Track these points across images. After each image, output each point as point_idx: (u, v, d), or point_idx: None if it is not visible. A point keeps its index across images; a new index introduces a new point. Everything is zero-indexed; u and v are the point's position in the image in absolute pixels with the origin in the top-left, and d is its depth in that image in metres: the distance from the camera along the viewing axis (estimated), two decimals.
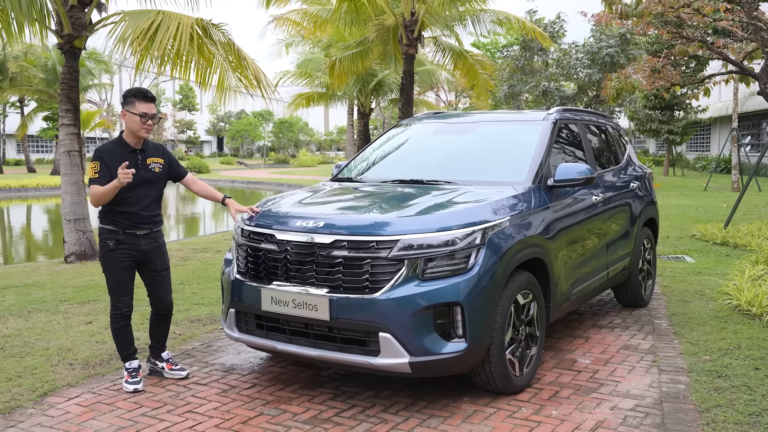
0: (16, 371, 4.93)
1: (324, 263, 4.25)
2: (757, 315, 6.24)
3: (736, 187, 23.42)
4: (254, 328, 4.61)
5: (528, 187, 4.95)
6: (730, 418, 4.07)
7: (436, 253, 4.12)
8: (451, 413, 4.24)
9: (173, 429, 4.05)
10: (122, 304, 4.67)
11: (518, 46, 29.94)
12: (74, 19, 9.87)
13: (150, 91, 4.74)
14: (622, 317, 6.53)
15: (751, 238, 10.67)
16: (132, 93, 4.63)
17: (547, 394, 4.56)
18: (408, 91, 14.85)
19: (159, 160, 4.77)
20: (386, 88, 24.13)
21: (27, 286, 7.96)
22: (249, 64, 9.68)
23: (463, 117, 6.45)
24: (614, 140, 6.89)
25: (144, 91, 4.66)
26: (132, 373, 4.70)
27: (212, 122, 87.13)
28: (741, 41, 13.37)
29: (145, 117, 4.58)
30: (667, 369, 4.99)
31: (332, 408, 4.34)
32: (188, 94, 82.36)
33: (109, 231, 4.61)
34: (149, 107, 4.63)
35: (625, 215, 6.34)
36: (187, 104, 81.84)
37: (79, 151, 10.08)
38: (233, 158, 70.19)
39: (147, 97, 4.64)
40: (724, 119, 37.75)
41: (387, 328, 4.04)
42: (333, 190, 5.38)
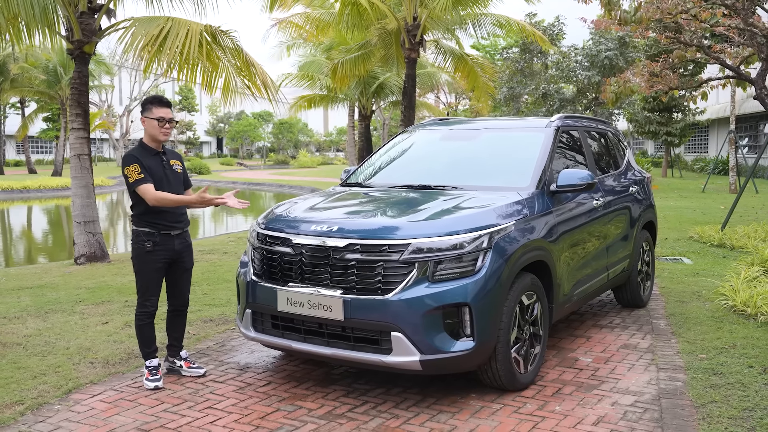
0: (40, 369, 5.13)
1: (338, 266, 4.45)
2: (752, 315, 6.45)
3: (733, 188, 23.65)
4: (270, 328, 4.81)
5: (532, 192, 5.16)
6: (724, 413, 4.28)
7: (445, 256, 4.32)
8: (459, 409, 4.44)
9: (195, 424, 4.25)
10: (150, 303, 4.88)
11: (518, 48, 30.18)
12: (84, 25, 10.08)
13: (165, 97, 4.99)
14: (621, 317, 6.73)
15: (748, 240, 10.88)
16: (149, 100, 4.88)
17: (551, 390, 4.76)
18: (410, 94, 15.06)
19: (178, 162, 5.04)
20: (387, 90, 24.34)
21: (41, 287, 8.15)
22: (257, 70, 9.89)
23: (467, 124, 6.66)
24: (614, 145, 7.10)
25: (160, 98, 4.92)
26: (152, 371, 4.90)
27: (212, 123, 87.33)
28: (738, 46, 13.61)
29: (162, 121, 4.82)
30: (665, 367, 5.20)
31: (345, 404, 4.54)
32: (188, 95, 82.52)
33: (146, 233, 4.83)
34: (166, 112, 4.87)
35: (625, 218, 6.55)
36: (187, 105, 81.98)
37: (89, 154, 10.28)
38: (233, 159, 70.39)
39: (163, 102, 4.89)
40: (721, 121, 37.97)
41: (399, 327, 4.24)
42: (344, 194, 5.59)
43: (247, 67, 9.88)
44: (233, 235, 14.26)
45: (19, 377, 4.95)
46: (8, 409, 4.41)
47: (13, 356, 5.42)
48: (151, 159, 4.87)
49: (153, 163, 4.85)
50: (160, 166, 4.87)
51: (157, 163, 4.87)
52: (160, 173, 4.86)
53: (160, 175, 4.86)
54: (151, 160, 4.86)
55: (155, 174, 4.85)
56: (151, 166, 4.84)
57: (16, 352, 5.52)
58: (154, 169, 4.85)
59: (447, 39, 19.67)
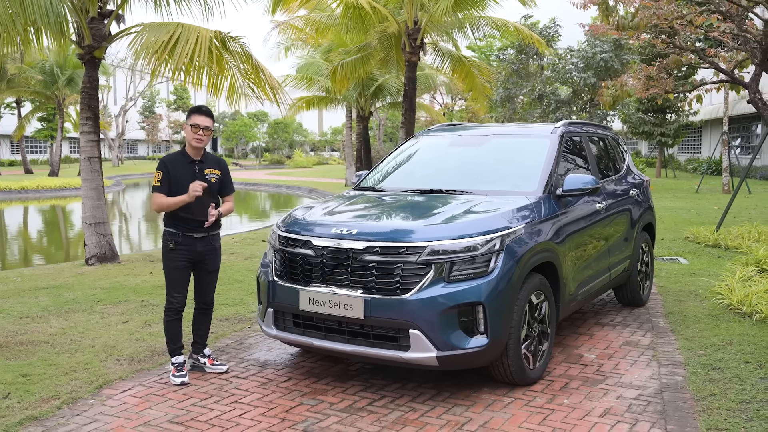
0: (70, 366, 5.36)
1: (358, 267, 4.69)
2: (747, 313, 6.73)
3: (726, 189, 24.00)
4: (291, 326, 5.05)
5: (539, 196, 5.42)
6: (723, 405, 4.54)
7: (460, 257, 4.57)
8: (473, 402, 4.69)
9: (224, 417, 4.49)
10: (175, 300, 5.12)
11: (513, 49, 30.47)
12: (95, 30, 10.30)
13: (206, 107, 5.23)
14: (622, 316, 7.00)
15: (742, 241, 11.18)
16: (192, 109, 5.17)
17: (558, 385, 5.02)
18: (411, 97, 15.31)
19: (216, 171, 5.25)
20: (386, 92, 24.60)
21: (57, 287, 8.37)
22: (266, 76, 10.12)
23: (475, 129, 6.91)
24: (614, 150, 7.37)
25: (200, 107, 5.18)
26: (178, 367, 5.14)
27: None
28: (731, 51, 13.92)
29: (196, 127, 5.06)
30: (665, 363, 5.47)
31: (364, 398, 4.79)
32: (182, 94, 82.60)
33: (170, 233, 5.10)
34: (201, 119, 5.11)
35: (626, 221, 6.81)
36: (182, 105, 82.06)
37: (99, 157, 10.50)
38: (228, 159, 70.48)
39: (201, 111, 5.15)
40: (714, 122, 38.40)
41: (417, 325, 4.49)
42: (359, 198, 5.83)
43: (257, 72, 10.11)
44: (237, 236, 14.48)
45: (51, 373, 5.18)
46: (45, 404, 4.64)
47: (42, 354, 5.64)
48: (184, 167, 5.10)
49: (183, 172, 5.08)
50: (189, 175, 5.10)
51: (187, 171, 5.10)
52: (186, 182, 5.08)
53: (185, 184, 5.08)
54: (183, 168, 5.09)
55: (180, 182, 5.07)
56: (180, 174, 5.07)
57: (45, 350, 5.74)
58: (182, 177, 5.08)
59: (445, 41, 19.96)
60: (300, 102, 26.44)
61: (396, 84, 24.02)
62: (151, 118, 77.04)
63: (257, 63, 10.11)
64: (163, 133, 79.18)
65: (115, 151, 63.07)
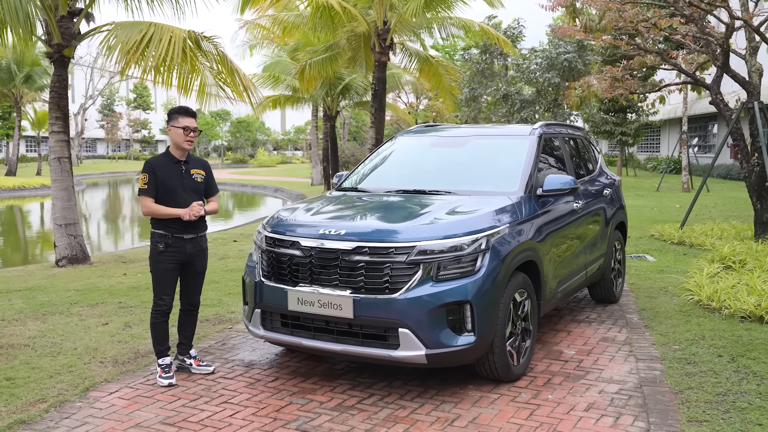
0: (54, 369, 5.31)
1: (346, 267, 4.75)
2: (717, 309, 6.95)
3: (686, 187, 24.59)
4: (279, 326, 5.08)
5: (520, 196, 5.54)
6: (701, 398, 4.71)
7: (447, 257, 4.66)
8: (460, 399, 4.79)
9: (215, 417, 4.51)
10: (163, 302, 5.12)
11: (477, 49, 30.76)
12: (63, 28, 10.16)
13: (191, 108, 5.23)
14: (597, 312, 7.17)
15: (705, 238, 11.51)
16: (175, 110, 5.13)
17: (541, 381, 5.15)
18: (381, 97, 15.39)
19: (201, 171, 5.26)
20: (353, 91, 24.63)
21: (30, 289, 8.25)
22: (240, 77, 10.09)
23: (454, 130, 7.02)
24: (587, 151, 7.55)
25: (186, 108, 5.17)
26: (165, 369, 5.14)
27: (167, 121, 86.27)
28: (693, 53, 14.29)
29: (187, 130, 5.07)
30: (642, 357, 5.64)
31: (353, 396, 4.85)
32: (142, 93, 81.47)
33: (160, 235, 5.09)
34: (191, 121, 5.12)
35: (600, 220, 6.99)
36: (142, 103, 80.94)
37: (69, 157, 10.36)
38: None
39: (189, 112, 5.14)
40: (673, 121, 39.26)
41: (406, 324, 4.57)
42: (344, 199, 5.88)
43: (231, 74, 10.07)
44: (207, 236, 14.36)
45: (35, 377, 5.13)
46: (32, 407, 4.60)
47: (24, 357, 5.58)
48: (170, 168, 5.11)
49: (169, 173, 5.09)
50: (177, 176, 5.11)
51: (174, 172, 5.11)
52: (174, 183, 5.09)
53: (173, 185, 5.09)
54: (169, 169, 5.10)
55: (168, 183, 5.08)
56: (166, 175, 5.08)
57: (26, 353, 5.68)
58: (169, 178, 5.09)
59: (412, 41, 20.06)
60: (267, 101, 26.31)
61: (363, 83, 24.06)
62: (110, 116, 75.81)
63: (232, 64, 10.08)
64: (123, 131, 77.95)
65: (75, 150, 61.90)
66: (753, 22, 10.89)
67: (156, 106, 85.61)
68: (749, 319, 6.57)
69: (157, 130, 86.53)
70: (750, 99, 11.37)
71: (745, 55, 11.51)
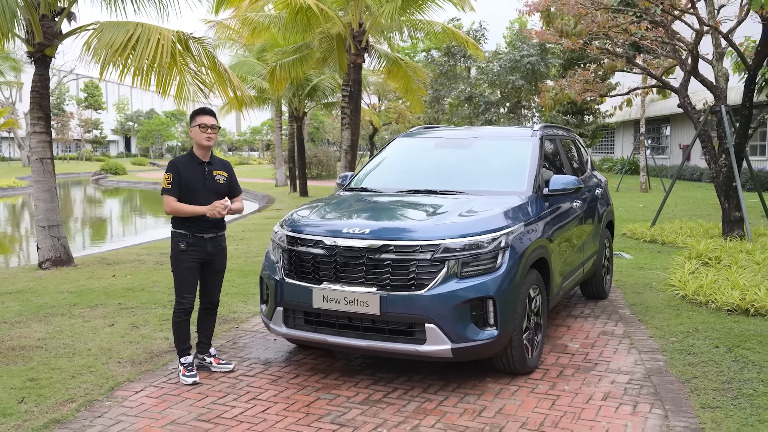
0: (75, 369, 5.31)
1: (372, 265, 4.88)
2: (704, 303, 7.29)
3: (644, 187, 25.32)
4: (302, 324, 5.19)
5: (529, 196, 5.75)
6: (708, 386, 4.98)
7: (471, 254, 4.83)
8: (482, 391, 4.97)
9: (248, 413, 4.59)
10: (186, 301, 5.18)
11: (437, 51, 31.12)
12: (45, 28, 10.03)
13: (209, 107, 5.31)
14: (590, 308, 7.44)
15: (676, 236, 11.96)
16: (195, 112, 5.23)
17: (554, 373, 5.36)
18: (356, 98, 15.52)
19: (223, 173, 5.33)
20: (320, 92, 24.68)
21: (21, 292, 8.14)
22: (231, 78, 10.11)
23: (456, 132, 7.21)
24: (579, 151, 7.82)
25: (204, 108, 5.27)
26: (188, 367, 5.20)
27: (120, 121, 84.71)
28: (659, 57, 14.80)
29: (204, 126, 5.13)
30: (644, 349, 5.90)
31: (378, 391, 4.99)
32: (93, 92, 79.87)
33: (181, 235, 5.14)
34: (207, 119, 5.20)
35: (594, 218, 7.26)
36: (93, 103, 79.33)
37: (51, 158, 10.23)
38: (145, 159, 68.66)
39: (206, 111, 5.23)
40: (627, 123, 40.34)
41: (432, 319, 4.72)
42: (358, 199, 6.00)
43: (221, 77, 10.08)
44: None
45: (58, 377, 5.13)
46: (63, 407, 4.62)
47: (40, 358, 5.56)
48: (193, 169, 5.17)
49: (193, 174, 5.15)
50: (200, 177, 5.18)
51: (197, 173, 5.18)
52: (197, 184, 5.16)
53: (196, 186, 5.16)
54: (193, 170, 5.17)
55: (191, 184, 5.15)
56: (190, 176, 5.14)
57: (42, 355, 5.66)
58: (192, 179, 5.15)
59: (380, 43, 20.23)
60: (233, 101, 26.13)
61: (330, 84, 24.13)
62: (60, 116, 74.07)
63: (221, 66, 10.10)
64: (75, 131, 76.23)
65: (25, 151, 60.28)
66: (722, 29, 11.35)
67: (108, 106, 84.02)
68: (736, 312, 6.91)
69: (108, 130, 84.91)
70: (717, 102, 11.84)
71: (712, 61, 11.99)
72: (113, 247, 13.27)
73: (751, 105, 11.40)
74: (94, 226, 21.84)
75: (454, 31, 18.49)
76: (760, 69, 11.37)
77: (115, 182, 42.91)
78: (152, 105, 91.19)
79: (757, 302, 6.90)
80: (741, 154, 11.63)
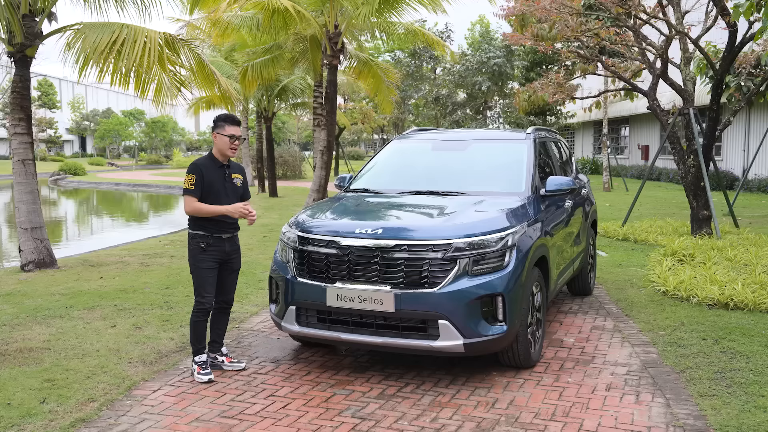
0: (89, 370, 5.36)
1: (386, 264, 5.05)
2: (685, 298, 7.62)
3: (607, 187, 25.97)
4: (315, 322, 5.33)
5: (529, 196, 5.99)
6: (702, 376, 5.27)
7: (481, 253, 5.04)
8: (490, 384, 5.17)
9: (270, 409, 4.72)
10: (205, 300, 5.28)
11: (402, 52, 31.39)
12: (27, 28, 9.94)
13: (236, 116, 5.41)
14: (577, 304, 7.72)
15: (648, 234, 12.37)
16: (222, 118, 5.31)
17: (555, 366, 5.60)
18: (332, 99, 15.63)
19: (239, 176, 5.45)
20: (289, 93, 24.70)
21: (9, 295, 8.08)
22: (219, 81, 10.16)
23: (451, 134, 7.41)
24: (565, 152, 8.10)
25: (232, 117, 5.36)
26: (203, 366, 5.30)
27: (75, 121, 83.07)
28: (626, 61, 15.27)
29: (233, 138, 5.24)
30: (636, 343, 6.19)
31: (391, 386, 5.15)
32: (47, 90, 78.20)
33: (200, 236, 5.25)
34: (236, 130, 5.31)
35: (581, 217, 7.55)
36: (47, 101, 77.67)
37: (33, 159, 10.14)
38: (102, 159, 67.46)
39: (235, 121, 5.33)
40: (587, 124, 41.17)
41: (446, 316, 4.91)
42: (363, 199, 6.16)
43: (207, 79, 10.12)
44: (163, 238, 14.26)
45: (73, 378, 5.18)
46: (85, 407, 4.68)
47: (51, 360, 5.59)
48: (215, 171, 5.29)
49: (215, 176, 5.27)
50: (221, 179, 5.30)
51: (219, 175, 5.30)
52: (219, 186, 5.29)
53: (219, 188, 5.28)
54: (215, 172, 5.28)
55: (214, 186, 5.26)
56: (213, 178, 5.26)
57: (52, 356, 5.68)
58: (215, 181, 5.27)
59: (350, 44, 20.35)
60: (200, 101, 26.00)
61: (300, 85, 24.17)
62: None
63: (210, 68, 10.14)
64: None
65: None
66: (691, 35, 11.79)
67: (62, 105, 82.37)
68: (716, 306, 7.25)
69: (63, 129, 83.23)
70: (686, 105, 12.30)
71: (680, 65, 12.44)
72: (91, 248, 13.15)
73: (719, 107, 11.87)
74: (62, 228, 21.51)
75: (425, 33, 18.72)
76: (726, 73, 11.84)
77: (75, 183, 42.13)
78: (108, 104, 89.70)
79: (735, 297, 7.25)
80: (709, 155, 12.11)
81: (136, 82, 10.43)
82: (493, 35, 28.41)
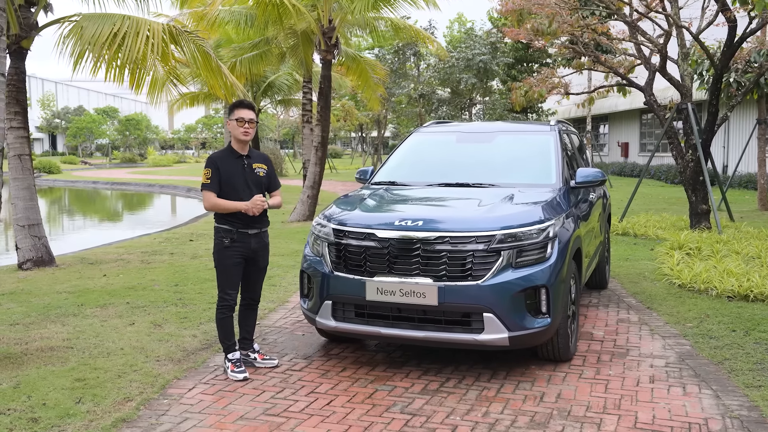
0: (118, 369, 5.18)
1: (428, 256, 4.94)
2: (703, 290, 7.62)
3: None
4: (353, 317, 5.19)
5: (560, 188, 5.92)
6: (742, 366, 5.24)
7: (524, 245, 4.95)
8: (533, 378, 5.09)
9: (314, 406, 4.58)
10: (229, 297, 5.11)
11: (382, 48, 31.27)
12: (22, 19, 9.66)
13: (247, 100, 5.24)
14: (596, 298, 7.68)
15: (647, 229, 12.42)
16: (232, 105, 5.17)
17: (592, 359, 5.53)
18: (327, 95, 15.47)
19: (263, 166, 5.28)
20: (276, 89, 24.46)
21: (14, 293, 7.83)
22: (225, 73, 9.96)
23: (475, 126, 7.33)
24: (582, 145, 8.06)
25: (242, 101, 5.21)
26: (236, 363, 5.14)
27: (45, 119, 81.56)
28: (621, 56, 15.32)
29: (241, 120, 5.08)
30: (666, 335, 6.15)
31: (432, 381, 5.04)
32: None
33: (225, 230, 5.07)
34: (245, 112, 5.14)
35: (601, 209, 7.51)
36: None
37: (29, 154, 9.87)
38: (75, 158, 66.33)
39: (244, 104, 5.17)
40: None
41: (491, 309, 4.81)
42: (395, 192, 6.04)
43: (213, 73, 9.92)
44: (157, 236, 14.00)
45: (104, 377, 4.99)
46: (123, 406, 4.51)
47: (77, 359, 5.39)
48: (232, 163, 5.10)
49: (233, 167, 5.08)
50: (240, 170, 5.12)
51: (237, 166, 5.11)
52: (238, 177, 5.10)
53: (237, 179, 5.10)
54: (232, 164, 5.10)
55: (231, 178, 5.08)
56: (231, 170, 5.07)
57: (76, 355, 5.48)
58: (232, 174, 5.08)
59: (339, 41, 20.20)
60: (184, 98, 25.63)
61: (287, 81, 23.97)
62: None
63: (216, 62, 9.94)
64: None
65: None
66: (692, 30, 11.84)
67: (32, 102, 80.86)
68: (736, 298, 7.26)
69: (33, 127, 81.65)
70: (684, 100, 12.35)
71: (678, 60, 12.49)
72: (85, 246, 12.86)
73: (718, 102, 11.94)
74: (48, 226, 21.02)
75: (416, 29, 18.65)
76: (726, 68, 11.91)
77: (51, 181, 41.35)
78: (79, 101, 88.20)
79: (755, 288, 7.26)
80: (707, 150, 12.18)
81: (131, 77, 10.21)
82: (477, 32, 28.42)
